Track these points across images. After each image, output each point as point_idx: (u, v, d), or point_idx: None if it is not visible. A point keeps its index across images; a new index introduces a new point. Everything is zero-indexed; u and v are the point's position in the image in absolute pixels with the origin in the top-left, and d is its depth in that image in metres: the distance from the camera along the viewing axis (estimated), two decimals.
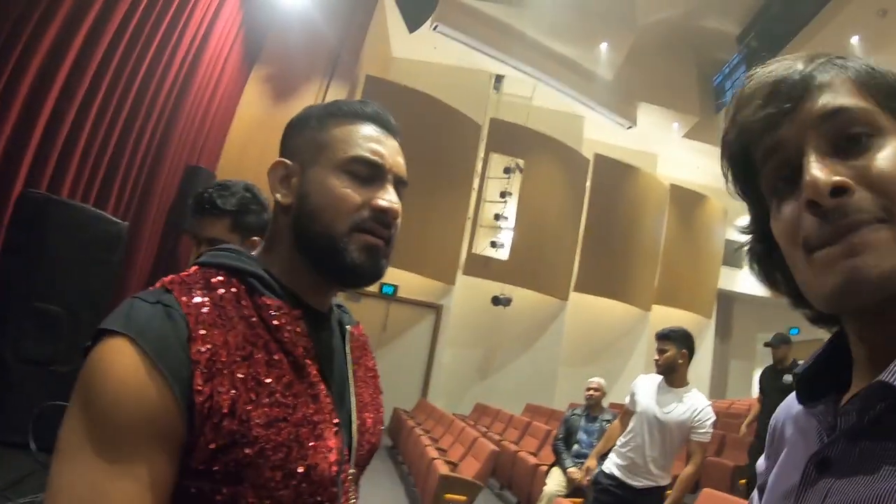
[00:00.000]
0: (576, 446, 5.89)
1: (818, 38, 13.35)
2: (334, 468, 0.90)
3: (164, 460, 0.76)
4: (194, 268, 0.92)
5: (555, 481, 5.68)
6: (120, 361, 0.76)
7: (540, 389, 13.78)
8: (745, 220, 0.78)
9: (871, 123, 0.61)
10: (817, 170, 0.60)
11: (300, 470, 0.84)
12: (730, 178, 0.74)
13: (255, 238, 1.93)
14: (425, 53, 14.49)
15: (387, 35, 13.55)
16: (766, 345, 6.49)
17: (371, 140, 0.98)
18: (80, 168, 4.72)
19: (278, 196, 0.98)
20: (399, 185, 1.01)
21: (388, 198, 0.96)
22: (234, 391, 0.79)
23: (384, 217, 0.95)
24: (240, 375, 0.81)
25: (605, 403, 6.26)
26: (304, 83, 9.49)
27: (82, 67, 4.49)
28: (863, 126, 0.61)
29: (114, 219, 3.65)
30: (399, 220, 1.00)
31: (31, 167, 4.09)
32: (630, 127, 16.54)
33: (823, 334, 0.74)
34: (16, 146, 3.95)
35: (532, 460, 7.04)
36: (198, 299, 0.84)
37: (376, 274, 0.96)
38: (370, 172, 0.96)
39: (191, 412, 0.76)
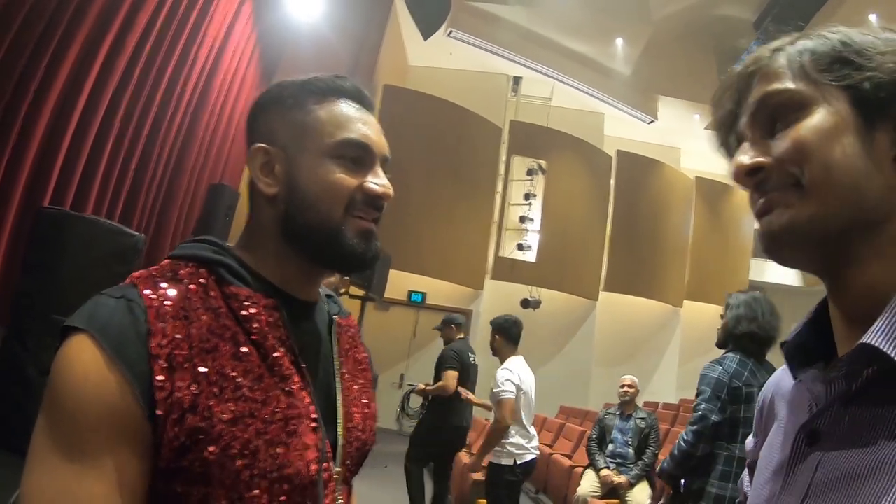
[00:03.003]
0: (610, 446, 5.83)
1: (835, 18, 13.14)
2: (313, 467, 0.85)
3: (132, 459, 0.74)
4: (165, 261, 0.89)
5: (588, 482, 5.63)
6: (80, 359, 0.74)
7: (573, 391, 13.66)
8: None
9: (794, 101, 0.66)
10: (741, 153, 0.69)
11: (271, 469, 0.80)
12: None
13: None
14: (441, 60, 14.51)
15: (402, 44, 13.61)
16: None
17: (357, 121, 0.94)
18: (103, 187, 4.81)
19: (261, 185, 0.93)
20: (385, 163, 0.98)
21: (379, 182, 0.94)
22: (195, 386, 0.76)
23: (377, 201, 0.94)
24: (202, 369, 0.78)
25: (639, 402, 6.19)
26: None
27: (101, 89, 4.58)
28: (786, 107, 0.66)
29: (130, 231, 3.69)
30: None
31: (55, 188, 4.19)
32: (651, 121, 16.40)
33: None
34: (41, 167, 4.05)
35: (567, 462, 6.97)
36: (161, 292, 0.81)
37: (374, 257, 0.95)
38: (360, 155, 0.93)
39: (152, 408, 0.74)
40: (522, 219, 14.08)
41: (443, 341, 6.14)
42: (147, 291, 0.81)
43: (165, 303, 0.80)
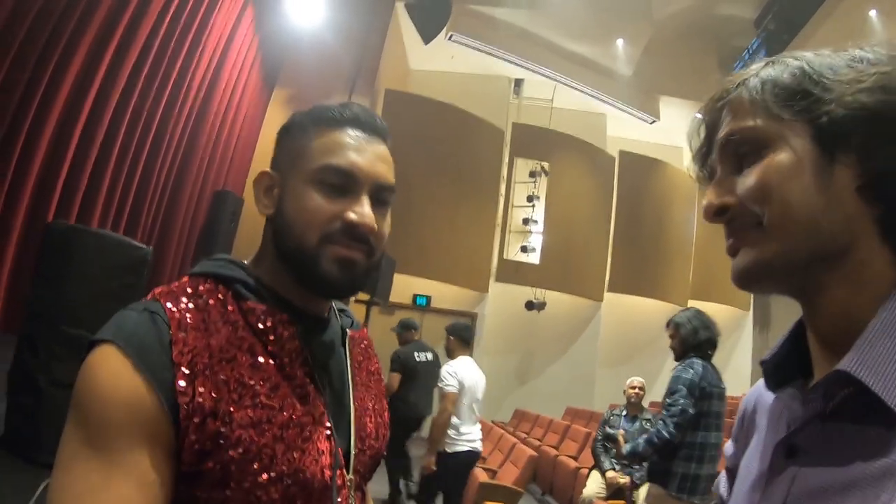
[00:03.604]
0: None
1: (835, 14, 13.13)
2: (327, 472, 0.89)
3: (158, 461, 0.77)
4: (185, 278, 0.94)
5: (594, 483, 5.63)
6: (107, 367, 0.78)
7: (579, 392, 13.66)
8: None
9: (754, 139, 0.68)
10: (708, 194, 0.71)
11: (288, 473, 0.83)
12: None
13: None
14: (443, 64, 14.53)
15: (404, 48, 13.64)
16: None
17: (348, 148, 0.95)
18: (108, 199, 4.85)
19: (259, 207, 0.98)
20: (382, 192, 0.97)
21: (359, 210, 0.92)
22: (215, 393, 0.80)
23: (355, 231, 0.92)
24: (222, 377, 0.82)
25: (644, 402, 6.19)
26: (325, 102, 9.55)
27: (104, 99, 4.63)
28: (746, 144, 0.69)
29: (138, 244, 3.74)
30: (384, 229, 0.98)
31: (59, 201, 4.23)
32: (653, 121, 16.37)
33: None
34: (46, 179, 4.09)
35: (572, 464, 6.98)
36: (182, 305, 0.86)
37: (352, 287, 0.94)
38: (342, 182, 0.93)
39: (175, 413, 0.78)
40: (526, 221, 14.10)
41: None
42: (169, 305, 0.85)
43: (187, 315, 0.84)
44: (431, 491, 5.28)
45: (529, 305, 13.55)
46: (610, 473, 5.54)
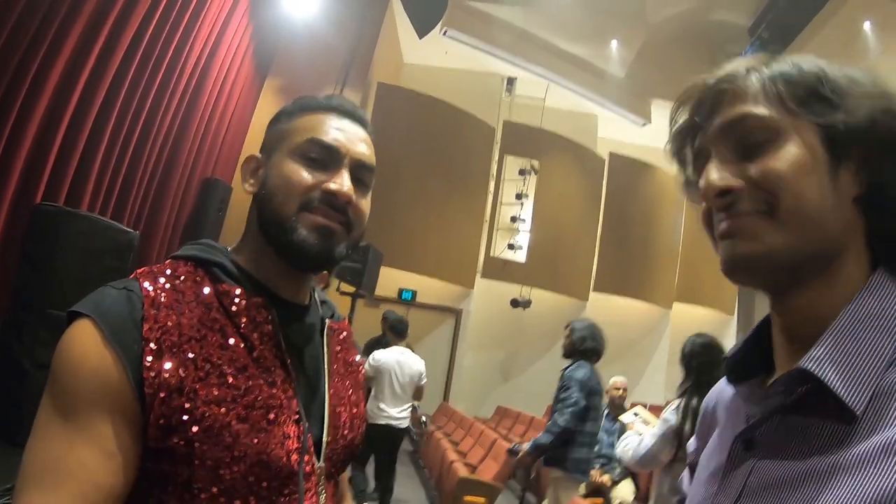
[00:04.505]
0: (596, 446, 5.87)
1: (830, 24, 13.22)
2: (294, 457, 0.90)
3: (123, 433, 0.80)
4: (168, 261, 0.96)
5: None
6: (81, 340, 0.82)
7: None
8: None
9: (770, 128, 0.68)
10: (712, 173, 0.70)
11: (251, 453, 0.85)
12: (677, 169, 0.84)
13: None
14: (437, 59, 14.52)
15: (398, 42, 13.61)
16: None
17: (331, 126, 0.99)
18: (98, 182, 4.82)
19: (246, 186, 1.01)
20: (361, 169, 1.01)
21: (338, 181, 0.96)
22: (182, 370, 0.82)
23: (334, 200, 0.95)
24: (190, 355, 0.84)
25: (626, 403, 6.23)
26: (317, 92, 9.44)
27: (95, 84, 4.59)
28: (760, 132, 0.68)
29: (124, 228, 3.75)
30: (363, 207, 1.01)
31: (48, 183, 4.20)
32: (644, 124, 16.43)
33: None
34: (35, 161, 4.06)
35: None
36: (159, 285, 0.89)
37: (327, 255, 0.96)
38: (325, 155, 0.97)
39: (141, 387, 0.80)
40: (514, 219, 14.15)
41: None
42: (146, 284, 0.88)
43: (161, 294, 0.87)
44: (361, 457, 5.76)
45: (515, 303, 13.60)
46: (590, 471, 5.57)
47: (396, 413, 5.71)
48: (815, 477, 0.60)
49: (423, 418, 6.34)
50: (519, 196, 14.11)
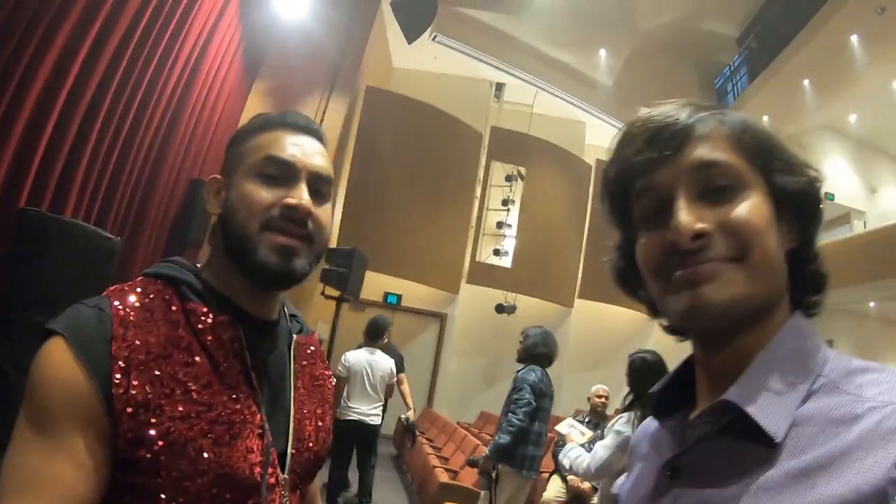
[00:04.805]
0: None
1: (818, 37, 13.37)
2: (257, 469, 0.93)
3: (93, 445, 0.84)
4: (139, 278, 1.00)
5: (554, 488, 5.69)
6: (54, 357, 0.86)
7: None
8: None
9: (737, 177, 0.72)
10: (684, 215, 0.70)
11: (215, 466, 0.88)
12: (606, 206, 0.85)
13: None
14: (426, 64, 14.55)
15: (387, 46, 13.63)
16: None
17: (287, 142, 1.03)
18: (83, 185, 4.78)
19: (209, 208, 1.05)
20: (319, 181, 1.03)
21: (296, 195, 0.99)
22: (149, 386, 0.86)
23: (293, 214, 0.98)
24: (157, 372, 0.88)
25: (609, 410, 6.26)
26: (305, 95, 9.57)
27: (83, 84, 4.56)
28: (729, 179, 0.72)
29: (107, 234, 3.76)
30: (323, 217, 1.03)
31: (33, 185, 4.17)
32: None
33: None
34: (19, 165, 4.03)
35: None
36: (129, 303, 0.92)
37: (289, 274, 0.99)
38: (281, 171, 1.00)
39: (110, 403, 0.84)
40: (500, 224, 14.18)
41: None
42: (116, 303, 0.92)
43: (130, 313, 0.91)
44: (337, 448, 5.99)
45: (500, 308, 13.62)
46: (571, 478, 5.59)
47: (367, 409, 5.98)
48: (739, 498, 0.65)
49: (409, 418, 6.38)
50: (505, 202, 14.15)
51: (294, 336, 1.12)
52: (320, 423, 1.11)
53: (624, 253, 0.85)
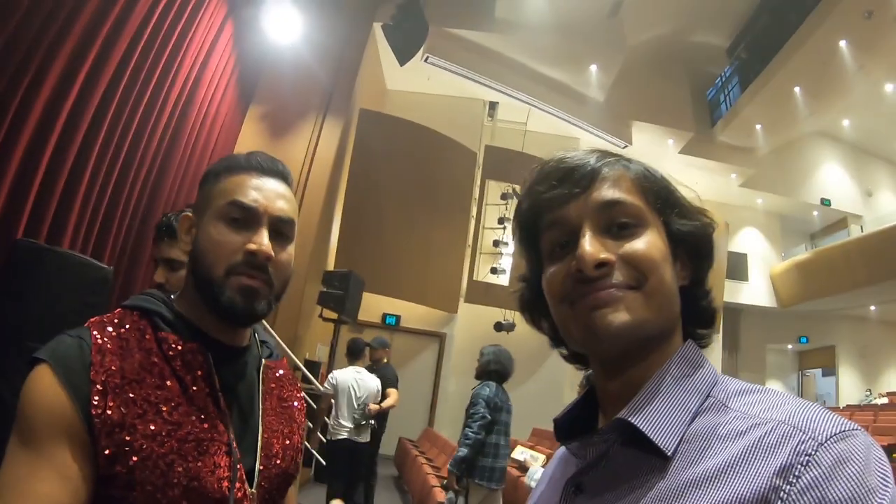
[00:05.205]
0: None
1: (807, 44, 13.47)
2: (224, 484, 1.02)
3: (76, 460, 0.92)
4: (118, 310, 1.09)
5: None
6: (40, 382, 0.95)
7: (546, 413, 13.56)
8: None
9: (638, 216, 0.81)
10: (589, 245, 0.78)
11: (184, 481, 0.97)
12: (516, 237, 0.92)
13: None
14: (419, 85, 14.65)
15: (380, 68, 13.73)
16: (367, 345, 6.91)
17: (250, 187, 1.10)
18: (80, 215, 4.81)
19: (182, 245, 1.15)
20: (280, 223, 1.11)
21: (257, 240, 1.07)
22: (124, 408, 0.95)
23: (254, 259, 1.06)
24: (131, 395, 0.97)
25: None
26: (300, 119, 9.63)
27: (79, 115, 4.61)
28: (630, 217, 0.81)
29: (100, 264, 3.85)
30: (284, 260, 1.11)
31: (30, 216, 4.21)
32: (625, 146, 16.61)
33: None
34: (16, 196, 4.06)
35: (534, 485, 7.03)
36: (107, 333, 1.02)
37: (252, 314, 1.08)
38: (244, 216, 1.08)
39: (90, 422, 0.93)
40: (496, 243, 14.22)
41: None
42: (95, 333, 1.01)
43: (107, 342, 1.00)
44: (330, 472, 6.33)
45: (499, 327, 13.60)
46: None
47: (355, 428, 6.21)
48: None
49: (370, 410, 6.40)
50: (501, 220, 14.18)
51: (263, 360, 1.21)
52: (287, 442, 1.19)
53: (530, 285, 0.92)
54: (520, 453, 4.55)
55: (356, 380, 6.25)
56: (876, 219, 17.53)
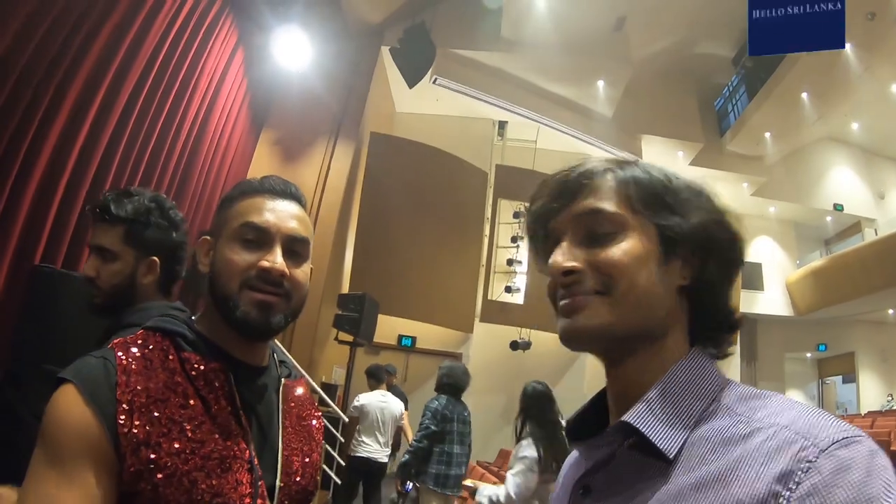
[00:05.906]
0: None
1: (812, 52, 13.42)
2: (247, 500, 1.04)
3: (102, 478, 0.94)
4: (140, 331, 1.12)
5: None
6: (65, 402, 0.97)
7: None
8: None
9: (616, 222, 0.83)
10: (558, 255, 0.84)
11: (208, 497, 0.99)
12: (529, 246, 0.97)
13: (154, 258, 1.83)
14: (428, 106, 14.71)
15: (389, 91, 13.82)
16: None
17: (263, 209, 1.14)
18: None
19: (200, 266, 1.19)
20: (294, 242, 1.15)
21: (271, 258, 1.10)
22: (149, 426, 0.98)
23: (268, 276, 1.10)
24: (156, 414, 0.99)
25: None
26: (311, 144, 9.73)
27: (93, 144, 4.69)
28: (609, 225, 0.83)
29: None
30: (299, 276, 1.14)
31: (47, 243, 4.28)
32: (635, 160, 16.57)
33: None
34: (33, 224, 4.14)
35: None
36: (131, 354, 1.04)
37: (267, 327, 1.12)
38: (258, 236, 1.12)
39: (116, 441, 0.95)
40: (510, 261, 14.18)
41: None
42: (120, 354, 1.04)
43: (132, 363, 1.03)
44: (346, 482, 6.98)
45: (514, 345, 13.56)
46: None
47: (376, 448, 6.63)
48: None
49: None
50: (514, 239, 14.16)
51: (283, 380, 1.25)
52: (307, 459, 1.22)
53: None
54: (470, 482, 4.78)
55: (381, 403, 6.74)
56: (889, 221, 17.38)
